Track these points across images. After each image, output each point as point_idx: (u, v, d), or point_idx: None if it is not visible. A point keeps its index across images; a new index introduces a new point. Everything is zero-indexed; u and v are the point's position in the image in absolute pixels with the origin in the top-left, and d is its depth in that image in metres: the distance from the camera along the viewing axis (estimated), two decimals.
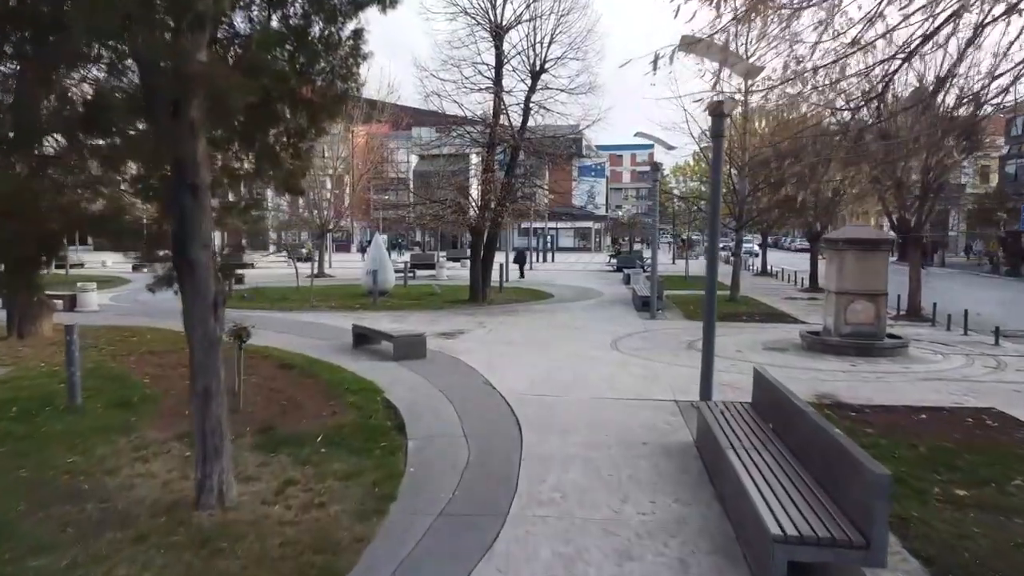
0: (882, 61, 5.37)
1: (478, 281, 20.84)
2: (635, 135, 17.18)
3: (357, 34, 5.41)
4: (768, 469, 5.38)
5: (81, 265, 42.41)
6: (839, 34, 5.21)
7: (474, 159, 22.14)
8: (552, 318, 17.67)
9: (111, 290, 24.82)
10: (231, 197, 5.88)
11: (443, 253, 48.25)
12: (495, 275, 24.67)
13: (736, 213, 21.27)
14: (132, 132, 5.01)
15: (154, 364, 11.01)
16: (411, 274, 30.89)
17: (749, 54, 8.46)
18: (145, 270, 5.77)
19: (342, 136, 34.48)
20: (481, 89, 20.21)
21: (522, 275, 32.05)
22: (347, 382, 9.89)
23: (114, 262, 45.24)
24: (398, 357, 11.57)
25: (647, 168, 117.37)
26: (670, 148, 17.48)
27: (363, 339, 12.89)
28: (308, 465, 6.59)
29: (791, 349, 13.09)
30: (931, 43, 4.95)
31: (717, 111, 8.64)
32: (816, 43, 5.32)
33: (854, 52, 5.21)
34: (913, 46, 4.99)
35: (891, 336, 12.81)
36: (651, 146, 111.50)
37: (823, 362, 11.87)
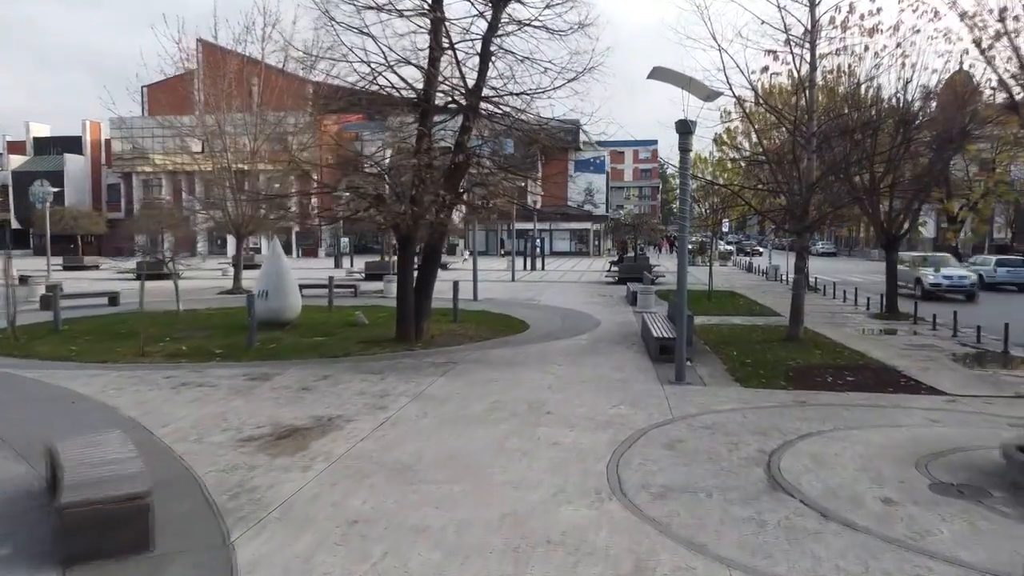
0: None
1: (408, 309, 13.77)
2: (649, 75, 10.21)
3: None
4: None
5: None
6: None
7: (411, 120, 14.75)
8: (510, 384, 10.49)
9: None
10: None
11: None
12: (450, 293, 17.68)
13: (798, 209, 14.21)
14: None
15: None
16: (351, 290, 24.02)
17: None
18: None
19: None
20: (411, 16, 13.16)
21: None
22: None
23: (53, 266, 38.11)
24: (69, 558, 4.61)
25: (651, 165, 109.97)
26: (709, 97, 10.39)
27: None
28: None
29: (998, 491, 6.07)
30: None
31: None
32: None
33: None
34: None
35: None
36: (655, 142, 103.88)
37: None
